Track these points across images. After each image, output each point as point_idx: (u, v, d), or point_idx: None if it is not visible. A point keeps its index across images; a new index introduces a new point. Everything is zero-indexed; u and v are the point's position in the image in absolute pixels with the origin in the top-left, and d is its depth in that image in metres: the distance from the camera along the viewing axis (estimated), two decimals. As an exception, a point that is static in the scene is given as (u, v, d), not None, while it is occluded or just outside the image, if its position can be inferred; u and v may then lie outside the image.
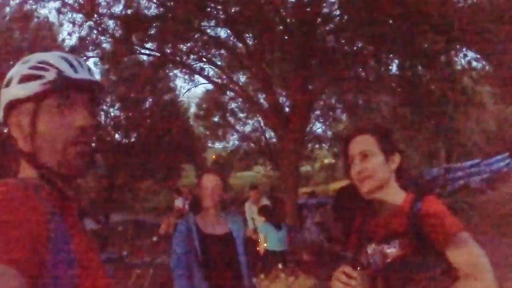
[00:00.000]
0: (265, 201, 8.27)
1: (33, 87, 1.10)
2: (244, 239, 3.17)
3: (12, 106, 1.11)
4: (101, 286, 1.07)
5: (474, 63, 11.14)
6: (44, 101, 1.10)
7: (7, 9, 12.68)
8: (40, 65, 1.13)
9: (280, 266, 6.67)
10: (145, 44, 13.32)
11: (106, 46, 13.72)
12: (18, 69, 1.13)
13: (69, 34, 13.16)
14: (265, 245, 7.04)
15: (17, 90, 1.10)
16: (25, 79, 1.11)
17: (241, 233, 3.12)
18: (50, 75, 1.11)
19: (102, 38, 13.27)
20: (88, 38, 12.89)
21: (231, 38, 14.15)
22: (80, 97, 1.15)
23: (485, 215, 11.60)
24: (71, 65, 1.15)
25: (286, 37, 11.90)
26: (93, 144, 1.18)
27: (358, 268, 1.65)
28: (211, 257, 2.89)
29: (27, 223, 0.90)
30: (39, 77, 1.11)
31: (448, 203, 11.54)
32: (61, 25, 13.71)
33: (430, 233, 1.68)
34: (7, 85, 1.12)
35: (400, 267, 1.70)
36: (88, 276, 1.02)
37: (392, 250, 1.75)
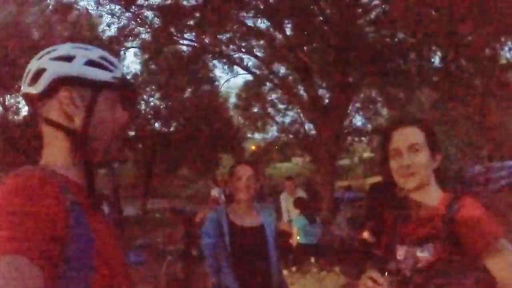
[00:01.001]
0: (300, 193, 8.20)
1: (104, 75, 1.15)
2: (276, 231, 3.08)
3: (68, 81, 1.11)
4: (119, 275, 1.09)
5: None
6: (102, 91, 1.15)
7: (48, 1, 13.00)
8: (108, 59, 1.19)
9: (312, 260, 6.63)
10: (184, 34, 13.43)
11: (145, 36, 13.94)
12: (83, 52, 1.15)
13: (108, 25, 13.47)
14: (298, 237, 6.98)
15: (82, 70, 1.12)
16: (94, 64, 1.15)
17: (272, 224, 3.03)
18: (117, 73, 1.19)
19: (141, 29, 13.49)
20: (127, 28, 13.12)
21: (270, 29, 14.08)
22: (121, 98, 1.22)
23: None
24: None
25: (325, 28, 11.76)
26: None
27: (386, 274, 1.57)
28: (240, 249, 2.83)
29: (45, 212, 0.91)
30: (109, 69, 1.17)
31: (489, 203, 11.19)
32: (100, 16, 14.03)
33: (467, 238, 1.57)
34: (66, 60, 1.12)
35: (433, 273, 1.60)
36: (106, 264, 1.03)
37: (425, 254, 1.66)
